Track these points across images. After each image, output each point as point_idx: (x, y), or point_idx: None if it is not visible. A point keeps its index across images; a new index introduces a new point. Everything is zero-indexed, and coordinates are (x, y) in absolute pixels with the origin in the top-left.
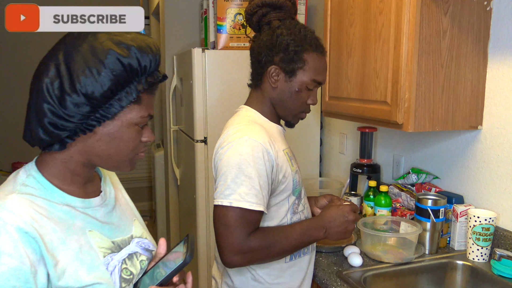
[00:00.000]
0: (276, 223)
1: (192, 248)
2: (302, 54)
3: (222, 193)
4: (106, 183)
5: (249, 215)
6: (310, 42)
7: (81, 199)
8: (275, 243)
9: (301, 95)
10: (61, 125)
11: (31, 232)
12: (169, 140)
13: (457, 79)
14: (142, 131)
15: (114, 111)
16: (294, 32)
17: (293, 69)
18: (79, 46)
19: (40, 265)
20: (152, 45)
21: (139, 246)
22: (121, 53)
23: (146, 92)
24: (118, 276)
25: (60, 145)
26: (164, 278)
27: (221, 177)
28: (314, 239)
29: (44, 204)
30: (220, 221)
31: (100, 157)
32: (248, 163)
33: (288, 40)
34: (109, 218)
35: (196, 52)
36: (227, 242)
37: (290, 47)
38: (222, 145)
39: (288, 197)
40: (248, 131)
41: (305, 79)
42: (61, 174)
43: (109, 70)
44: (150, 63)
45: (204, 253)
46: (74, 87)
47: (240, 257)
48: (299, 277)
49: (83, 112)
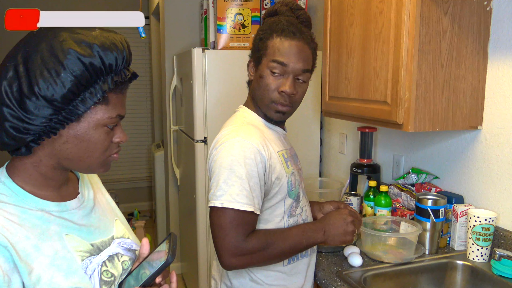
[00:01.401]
0: (273, 226)
1: (174, 248)
2: (266, 41)
3: (214, 194)
4: (84, 185)
5: (242, 216)
6: (276, 28)
7: (56, 203)
8: (272, 244)
9: (265, 80)
10: (23, 128)
11: (1, 241)
12: (169, 140)
13: (457, 79)
14: (112, 132)
15: (79, 113)
16: (268, 23)
17: (259, 57)
18: (38, 45)
19: (13, 274)
20: (118, 42)
21: (121, 246)
22: (82, 52)
23: (113, 91)
24: (98, 279)
25: (26, 149)
26: (146, 279)
27: (214, 178)
28: (313, 241)
29: (15, 211)
30: (215, 223)
31: (69, 160)
32: (239, 163)
33: (258, 32)
34: (88, 220)
35: (196, 52)
36: (224, 244)
37: (257, 37)
38: (215, 146)
39: (283, 200)
40: (240, 132)
41: (266, 63)
42: (32, 179)
43: (69, 70)
44: (115, 61)
45: (204, 253)
46: (33, 90)
47: (237, 259)
48: (299, 280)
49: (45, 115)
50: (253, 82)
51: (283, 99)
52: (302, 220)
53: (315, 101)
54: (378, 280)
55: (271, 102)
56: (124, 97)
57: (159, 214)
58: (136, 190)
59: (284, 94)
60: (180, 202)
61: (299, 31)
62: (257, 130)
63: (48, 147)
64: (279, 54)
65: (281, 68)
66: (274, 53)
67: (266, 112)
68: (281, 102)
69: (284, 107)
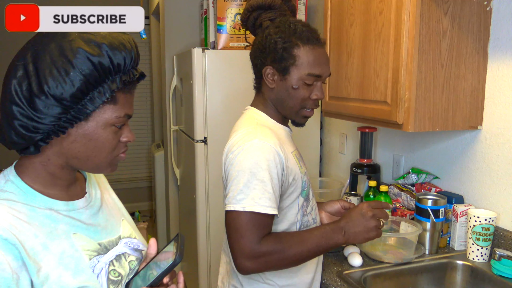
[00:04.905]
0: (286, 226)
1: (182, 249)
2: (292, 50)
3: (234, 198)
4: (91, 184)
5: (261, 219)
6: (300, 36)
7: (64, 202)
8: (289, 247)
9: (300, 91)
10: (32, 127)
11: (10, 238)
12: (169, 140)
13: (457, 79)
14: (120, 131)
15: (87, 112)
16: (282, 29)
17: (285, 67)
18: (48, 45)
19: (22, 271)
20: (126, 42)
21: (128, 246)
22: (91, 51)
23: (122, 91)
24: (106, 278)
25: (35, 148)
26: (154, 279)
27: (233, 181)
28: (333, 242)
29: (24, 210)
30: (231, 226)
31: (78, 159)
32: (260, 166)
33: (275, 38)
34: (95, 219)
35: (196, 52)
36: (239, 247)
37: (278, 45)
38: (231, 149)
39: (297, 199)
40: (257, 133)
41: (299, 75)
42: (41, 178)
43: (78, 70)
44: (124, 61)
45: (204, 253)
46: (42, 88)
47: (253, 262)
48: (307, 279)
49: (54, 114)
50: (275, 90)
51: (314, 104)
52: (312, 219)
53: None
54: (378, 280)
55: (301, 109)
56: (132, 96)
57: (159, 214)
58: (136, 190)
59: (316, 100)
60: (180, 202)
61: (318, 34)
62: (271, 131)
63: (57, 146)
64: (312, 66)
65: (316, 79)
66: (309, 66)
67: (295, 118)
68: (312, 108)
69: (311, 112)
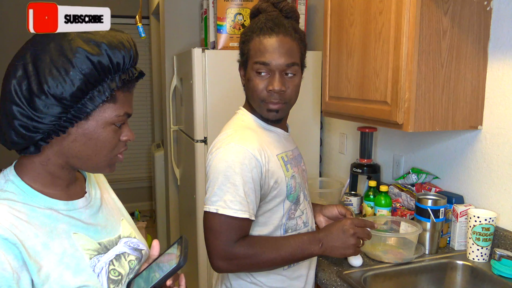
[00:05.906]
0: (271, 229)
1: (186, 252)
2: (248, 44)
3: (210, 199)
4: (91, 184)
5: (234, 222)
6: (256, 29)
7: (64, 202)
8: (262, 253)
9: (253, 82)
10: (32, 127)
11: (10, 238)
12: (169, 140)
13: (457, 79)
14: (120, 130)
15: (87, 111)
16: (250, 26)
17: (245, 61)
18: (47, 45)
19: (22, 271)
20: (125, 41)
21: (127, 246)
22: (91, 50)
23: (121, 90)
24: (106, 277)
25: (35, 148)
26: (157, 281)
27: (210, 183)
28: (309, 252)
29: (24, 209)
30: (207, 226)
31: (78, 158)
32: (233, 170)
33: (241, 35)
34: (95, 219)
35: (196, 52)
36: (213, 247)
37: (240, 41)
38: (211, 151)
39: (282, 203)
40: (235, 137)
41: (251, 66)
42: (41, 178)
43: (78, 69)
44: (123, 60)
45: (204, 253)
46: (42, 88)
47: (225, 263)
48: (300, 283)
49: (54, 113)
50: (245, 87)
51: (273, 97)
52: (302, 223)
53: (315, 101)
54: (378, 280)
55: (261, 102)
56: (131, 95)
57: (159, 214)
58: (136, 190)
59: (272, 92)
60: (180, 202)
61: (278, 25)
62: (254, 133)
63: (57, 145)
64: (260, 54)
65: (265, 67)
66: (256, 54)
67: (261, 112)
68: (271, 101)
69: (275, 105)
